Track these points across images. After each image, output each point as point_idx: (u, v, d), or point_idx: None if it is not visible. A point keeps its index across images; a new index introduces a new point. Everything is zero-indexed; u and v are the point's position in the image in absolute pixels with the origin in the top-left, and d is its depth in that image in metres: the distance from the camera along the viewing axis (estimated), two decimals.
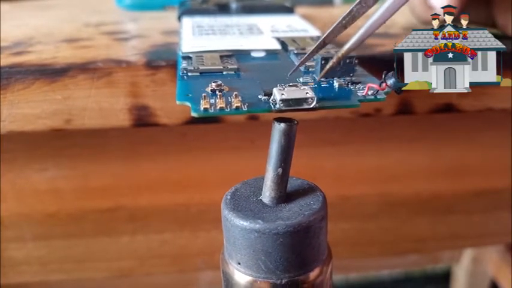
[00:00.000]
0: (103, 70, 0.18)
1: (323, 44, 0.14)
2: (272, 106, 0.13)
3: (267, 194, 0.13)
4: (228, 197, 0.14)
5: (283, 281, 0.13)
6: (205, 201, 0.24)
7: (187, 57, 0.17)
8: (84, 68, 0.18)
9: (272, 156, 0.13)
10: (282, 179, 0.13)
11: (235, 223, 0.13)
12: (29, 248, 0.24)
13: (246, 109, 0.12)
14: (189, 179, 0.24)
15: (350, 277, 0.62)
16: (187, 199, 0.24)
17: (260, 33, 0.21)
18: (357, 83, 0.14)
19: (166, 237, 0.25)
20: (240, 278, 0.13)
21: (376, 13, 0.12)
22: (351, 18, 0.13)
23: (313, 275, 0.13)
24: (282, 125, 0.13)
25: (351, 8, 0.13)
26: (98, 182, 0.23)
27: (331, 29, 0.13)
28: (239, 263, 0.13)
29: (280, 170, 0.13)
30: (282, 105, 0.12)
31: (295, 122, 0.13)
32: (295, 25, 0.22)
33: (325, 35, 0.13)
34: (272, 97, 0.13)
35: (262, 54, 0.18)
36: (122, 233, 0.24)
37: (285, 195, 0.14)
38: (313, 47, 0.14)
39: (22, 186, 0.23)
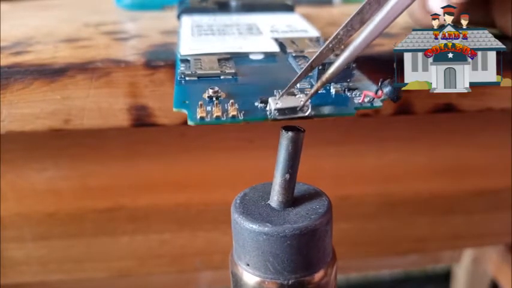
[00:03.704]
0: (102, 70, 0.18)
1: (310, 69, 0.14)
2: (268, 115, 0.13)
3: (275, 199, 0.14)
4: (238, 201, 0.14)
5: (290, 282, 0.13)
6: (205, 201, 0.24)
7: (185, 61, 0.17)
8: (83, 68, 0.18)
9: (280, 163, 0.13)
10: (289, 184, 0.14)
11: (245, 226, 0.13)
12: (28, 248, 0.24)
13: (242, 117, 0.13)
14: (188, 179, 0.24)
15: (350, 277, 0.62)
16: (187, 199, 0.24)
17: (259, 34, 0.21)
18: (354, 89, 0.14)
19: (165, 237, 0.25)
20: (249, 279, 0.14)
21: (360, 36, 0.12)
22: (337, 42, 0.13)
23: (318, 276, 0.14)
24: (290, 133, 0.13)
25: (337, 31, 0.13)
26: (97, 182, 0.23)
27: (318, 52, 0.13)
28: (248, 264, 0.14)
29: (287, 175, 0.13)
30: (277, 114, 0.13)
31: (303, 130, 0.13)
32: (295, 25, 0.22)
33: (312, 59, 0.14)
34: (268, 106, 0.13)
35: (260, 56, 0.18)
36: (121, 233, 0.24)
37: (292, 199, 0.14)
38: (301, 71, 0.14)
39: (22, 186, 0.23)
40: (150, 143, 0.22)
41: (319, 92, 0.14)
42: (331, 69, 0.13)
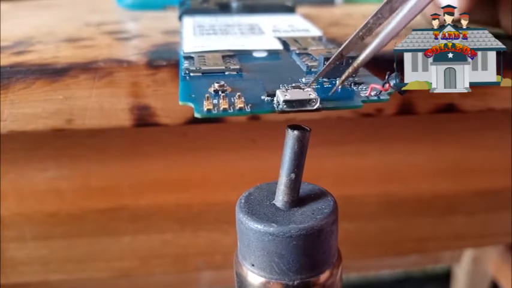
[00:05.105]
0: (104, 70, 0.18)
1: (340, 56, 0.14)
2: (275, 107, 0.13)
3: (280, 198, 0.14)
4: (243, 201, 0.14)
5: (295, 283, 0.13)
6: (207, 201, 0.24)
7: (189, 58, 0.17)
8: (85, 68, 0.18)
9: (285, 162, 0.13)
10: (294, 184, 0.14)
11: (250, 226, 0.13)
12: (29, 248, 0.24)
13: (249, 110, 0.13)
14: (190, 179, 0.24)
15: (350, 277, 0.62)
16: (189, 199, 0.24)
17: (261, 33, 0.21)
18: (360, 84, 0.14)
19: (167, 237, 0.25)
20: (254, 279, 0.14)
21: (390, 24, 0.13)
22: (367, 30, 0.13)
23: (323, 277, 0.14)
24: (296, 132, 0.13)
25: (368, 19, 0.13)
26: (98, 182, 0.23)
27: (348, 40, 0.14)
28: (253, 265, 0.14)
29: (293, 175, 0.13)
30: (285, 106, 0.12)
31: (308, 129, 0.13)
32: (297, 25, 0.22)
33: (342, 47, 0.14)
34: (275, 98, 0.13)
35: (264, 54, 0.18)
36: (123, 233, 0.24)
37: (298, 199, 0.14)
38: (331, 59, 0.14)
39: (23, 186, 0.23)
40: (152, 143, 0.22)
41: (325, 86, 0.14)
42: (363, 56, 0.13)
